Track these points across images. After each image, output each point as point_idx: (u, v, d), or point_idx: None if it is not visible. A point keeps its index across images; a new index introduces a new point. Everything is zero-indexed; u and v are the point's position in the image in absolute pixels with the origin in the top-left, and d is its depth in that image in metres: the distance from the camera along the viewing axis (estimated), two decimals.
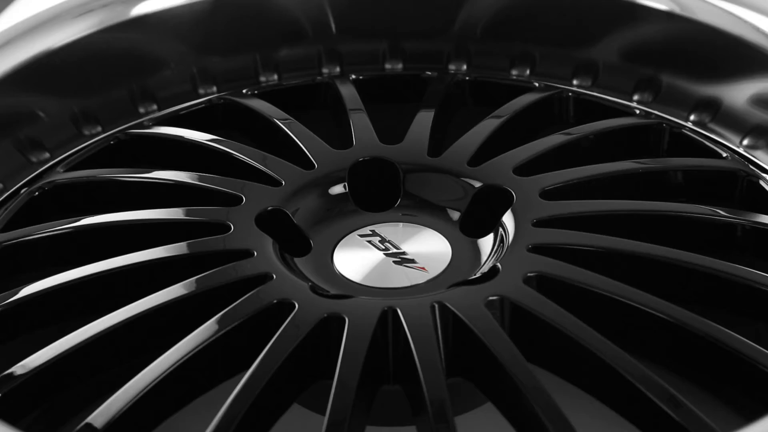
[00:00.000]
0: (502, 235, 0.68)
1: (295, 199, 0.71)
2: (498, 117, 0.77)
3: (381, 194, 0.73)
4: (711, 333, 0.59)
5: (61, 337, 0.60)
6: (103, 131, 0.82)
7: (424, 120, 0.77)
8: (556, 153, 0.74)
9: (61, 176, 0.76)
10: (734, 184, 0.73)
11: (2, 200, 0.75)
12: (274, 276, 0.63)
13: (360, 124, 0.77)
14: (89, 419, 0.55)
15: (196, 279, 0.63)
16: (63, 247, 0.69)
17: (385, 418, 0.62)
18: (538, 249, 0.65)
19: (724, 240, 0.69)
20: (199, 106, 0.84)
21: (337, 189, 0.73)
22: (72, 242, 0.69)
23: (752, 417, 0.51)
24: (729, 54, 0.80)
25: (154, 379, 0.57)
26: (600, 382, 0.58)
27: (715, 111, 0.79)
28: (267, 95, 0.84)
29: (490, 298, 0.61)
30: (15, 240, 0.69)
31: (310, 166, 0.73)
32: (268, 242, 0.67)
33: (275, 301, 0.61)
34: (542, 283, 0.62)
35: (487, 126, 0.76)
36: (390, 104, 0.86)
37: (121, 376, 0.58)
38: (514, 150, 0.73)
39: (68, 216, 0.71)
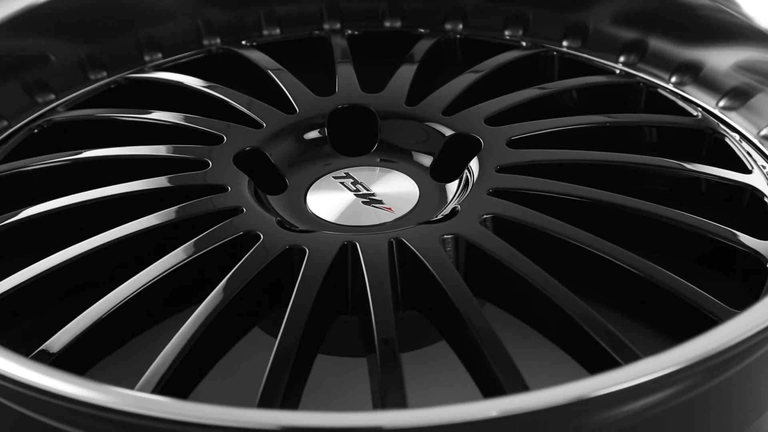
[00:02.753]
0: (467, 180, 0.71)
1: (274, 140, 0.74)
2: (477, 72, 0.80)
3: (358, 139, 0.76)
4: (652, 274, 0.61)
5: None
6: (108, 76, 0.86)
7: (405, 73, 0.80)
8: (531, 107, 0.77)
9: (60, 115, 0.80)
10: (701, 141, 0.75)
11: (5, 137, 0.79)
12: (244, 210, 0.67)
13: (344, 75, 0.80)
14: (44, 345, 0.58)
15: (168, 211, 0.66)
16: (53, 178, 0.73)
17: (339, 348, 0.65)
18: (497, 193, 0.67)
19: (687, 192, 0.71)
20: (199, 55, 0.88)
21: (315, 133, 0.76)
22: (62, 174, 0.73)
23: None
24: (714, 23, 0.82)
25: (115, 305, 0.60)
26: (545, 318, 0.61)
27: (696, 74, 0.82)
28: (265, 47, 0.87)
29: (445, 236, 0.64)
30: (7, 172, 0.73)
31: (292, 111, 0.77)
32: (244, 179, 0.70)
33: (242, 233, 0.65)
34: (497, 224, 0.65)
35: (465, 79, 0.79)
36: (384, 59, 0.88)
37: (91, 301, 0.61)
38: (487, 102, 0.76)
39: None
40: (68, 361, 0.58)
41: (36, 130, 0.79)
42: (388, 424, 0.47)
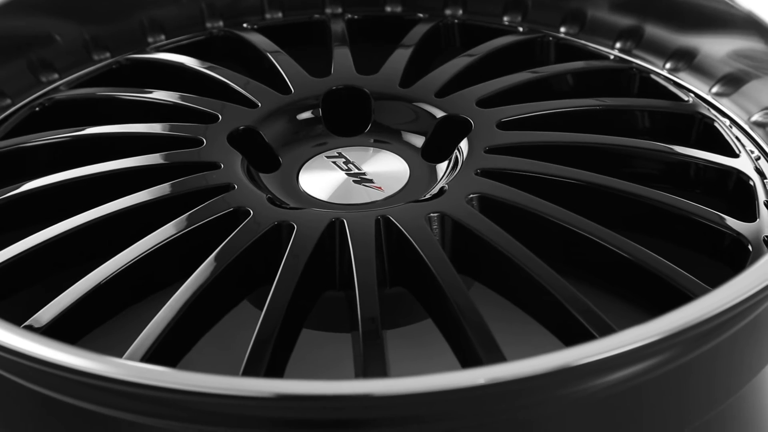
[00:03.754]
0: (457, 160, 0.72)
1: (268, 120, 0.75)
2: (471, 55, 0.81)
3: (352, 120, 0.77)
4: (634, 254, 0.62)
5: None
6: (112, 57, 0.88)
7: (401, 56, 0.81)
8: (523, 90, 0.77)
9: (61, 93, 0.81)
10: (691, 126, 0.76)
11: (8, 115, 0.81)
12: (236, 187, 0.68)
13: (340, 57, 0.82)
14: (33, 318, 0.60)
15: (162, 186, 0.67)
16: (53, 154, 0.74)
17: (325, 323, 0.66)
18: (485, 173, 0.68)
19: (676, 175, 0.72)
20: (200, 37, 0.89)
21: (309, 113, 0.77)
22: (61, 150, 0.74)
23: None
24: (710, 11, 0.83)
25: (106, 278, 0.61)
26: (527, 296, 0.62)
27: (690, 60, 0.82)
28: (265, 30, 0.89)
29: (431, 214, 0.65)
30: (8, 148, 0.75)
31: (288, 91, 0.78)
32: (237, 157, 0.71)
33: (232, 209, 0.66)
34: (483, 203, 0.66)
35: (458, 63, 0.80)
36: (383, 43, 0.89)
37: (82, 274, 0.62)
38: (479, 84, 0.77)
39: None
40: (56, 333, 0.59)
41: (37, 108, 0.80)
42: (377, 392, 0.48)
